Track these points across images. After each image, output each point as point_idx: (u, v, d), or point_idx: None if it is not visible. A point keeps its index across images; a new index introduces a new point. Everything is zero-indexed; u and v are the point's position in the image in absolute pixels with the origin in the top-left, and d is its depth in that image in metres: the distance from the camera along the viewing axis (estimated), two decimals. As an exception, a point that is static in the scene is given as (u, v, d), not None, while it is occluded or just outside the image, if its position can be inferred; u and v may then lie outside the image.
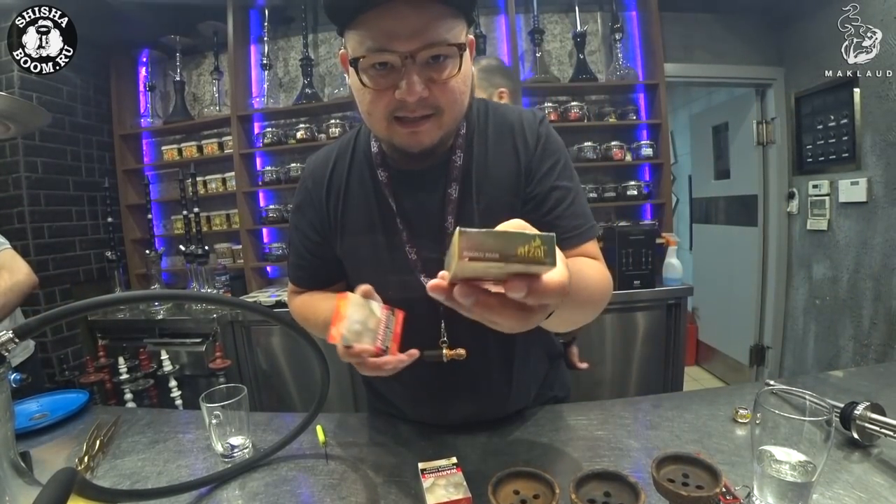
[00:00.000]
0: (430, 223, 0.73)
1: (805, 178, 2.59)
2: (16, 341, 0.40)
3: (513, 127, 0.74)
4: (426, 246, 0.73)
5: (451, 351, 0.77)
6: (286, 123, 2.65)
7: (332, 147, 0.81)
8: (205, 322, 2.09)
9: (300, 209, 0.81)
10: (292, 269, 0.86)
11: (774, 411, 0.51)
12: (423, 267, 0.74)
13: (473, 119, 0.75)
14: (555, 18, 2.60)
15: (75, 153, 2.43)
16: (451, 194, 0.72)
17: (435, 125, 0.63)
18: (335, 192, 0.77)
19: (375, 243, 0.75)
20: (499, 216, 0.69)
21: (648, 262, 2.10)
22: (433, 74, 0.59)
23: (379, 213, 0.74)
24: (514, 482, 0.55)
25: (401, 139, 0.64)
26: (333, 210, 0.77)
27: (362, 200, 0.76)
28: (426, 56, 0.58)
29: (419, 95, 0.58)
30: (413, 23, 0.56)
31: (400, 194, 0.74)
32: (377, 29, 0.57)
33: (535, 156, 0.72)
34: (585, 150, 2.46)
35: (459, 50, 0.59)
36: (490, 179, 0.73)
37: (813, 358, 2.64)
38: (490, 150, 0.74)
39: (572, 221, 0.72)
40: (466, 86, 0.64)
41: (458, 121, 0.67)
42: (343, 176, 0.77)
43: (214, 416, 0.74)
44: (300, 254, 0.82)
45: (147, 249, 2.51)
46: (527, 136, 0.73)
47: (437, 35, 0.57)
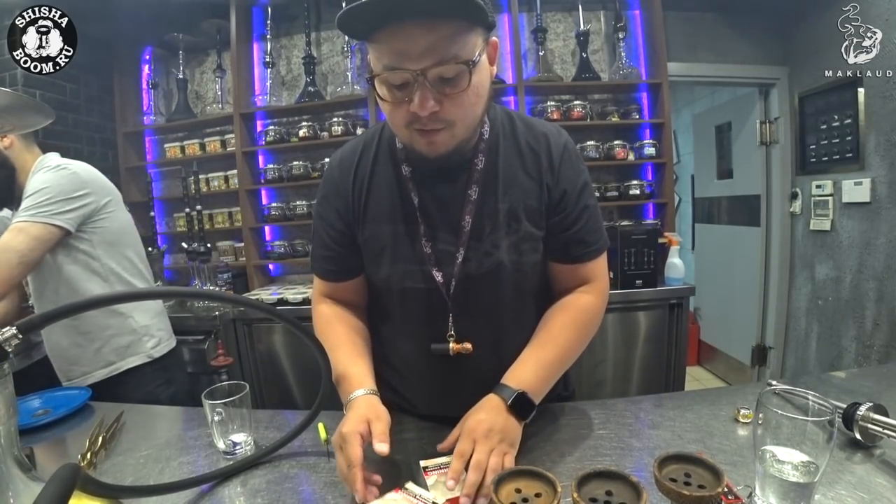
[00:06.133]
0: (447, 220, 0.77)
1: (808, 178, 2.58)
2: (19, 337, 0.40)
3: (538, 139, 0.78)
4: (442, 239, 0.77)
5: (457, 345, 0.78)
6: (289, 121, 2.65)
7: (360, 139, 0.84)
8: (207, 319, 2.09)
9: (326, 198, 0.83)
10: (317, 261, 0.86)
11: (777, 411, 0.51)
12: (437, 261, 0.77)
13: (498, 125, 0.79)
14: (558, 17, 2.59)
15: (78, 151, 2.43)
16: (471, 195, 0.76)
17: (448, 135, 0.66)
18: (360, 181, 0.80)
19: (395, 233, 0.78)
20: (521, 218, 0.76)
21: (651, 262, 2.10)
22: (445, 89, 0.62)
23: (401, 205, 0.78)
24: (516, 481, 0.55)
25: (419, 146, 0.68)
26: (357, 198, 0.80)
27: (385, 191, 0.79)
28: (436, 74, 0.60)
29: (430, 110, 0.61)
30: (423, 42, 0.58)
31: (422, 189, 0.77)
32: (390, 48, 0.60)
33: (563, 173, 0.77)
34: (588, 150, 2.45)
35: (468, 66, 0.61)
36: (515, 183, 0.77)
37: (815, 358, 2.64)
38: (514, 157, 0.78)
39: (593, 237, 0.80)
40: (479, 96, 0.66)
41: (471, 129, 0.70)
42: (368, 166, 0.80)
43: (217, 413, 0.74)
44: (325, 244, 0.83)
45: (149, 247, 2.51)
46: (552, 150, 0.77)
47: (446, 53, 0.59)
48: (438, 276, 0.77)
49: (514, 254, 0.77)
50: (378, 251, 0.80)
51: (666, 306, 2.14)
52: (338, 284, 0.86)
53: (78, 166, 1.20)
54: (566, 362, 0.80)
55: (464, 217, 0.75)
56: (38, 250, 1.09)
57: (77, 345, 1.22)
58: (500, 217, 0.76)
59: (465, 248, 0.76)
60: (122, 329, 1.25)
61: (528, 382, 0.70)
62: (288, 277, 2.76)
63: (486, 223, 0.76)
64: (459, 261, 0.76)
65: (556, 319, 0.79)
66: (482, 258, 0.76)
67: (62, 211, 1.12)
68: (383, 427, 0.64)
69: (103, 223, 1.22)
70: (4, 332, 0.40)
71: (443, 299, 0.78)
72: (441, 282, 0.77)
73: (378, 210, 0.78)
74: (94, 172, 1.24)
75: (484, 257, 0.76)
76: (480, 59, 0.63)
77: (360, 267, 0.84)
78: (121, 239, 1.27)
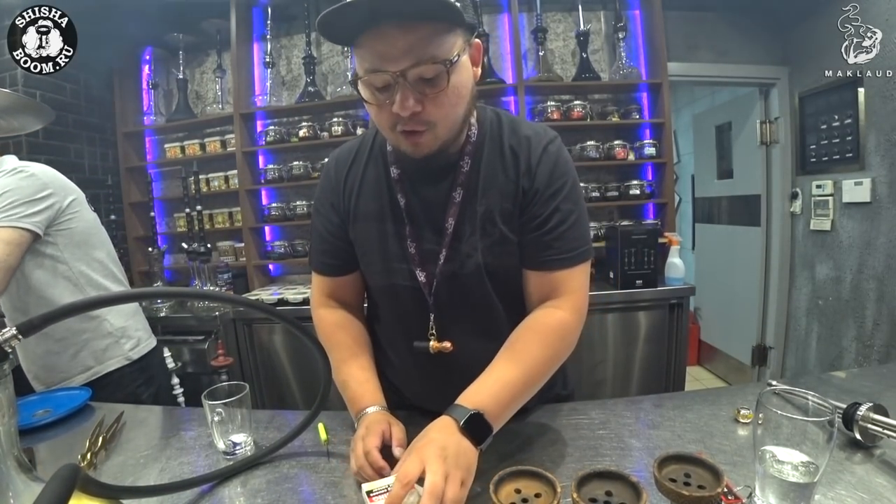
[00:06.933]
0: (431, 221, 0.78)
1: (808, 178, 2.58)
2: (19, 338, 0.40)
3: (521, 141, 0.77)
4: (427, 239, 0.78)
5: (438, 344, 0.80)
6: (289, 121, 2.65)
7: (357, 140, 0.87)
8: (207, 320, 2.10)
9: (323, 193, 0.86)
10: (315, 256, 0.88)
11: (777, 411, 0.51)
12: (421, 260, 0.78)
13: (486, 128, 0.79)
14: (558, 17, 2.59)
15: (79, 151, 2.44)
16: (455, 197, 0.76)
17: (431, 136, 0.67)
18: (352, 181, 0.83)
19: (382, 232, 0.80)
20: (496, 220, 0.76)
21: (651, 262, 2.10)
22: (425, 89, 0.63)
23: (389, 206, 0.79)
24: (516, 481, 0.55)
25: (404, 147, 0.69)
26: (348, 197, 0.82)
27: (374, 192, 0.81)
28: (416, 74, 0.61)
29: (411, 111, 0.62)
30: (401, 44, 0.59)
31: (408, 190, 0.79)
32: (371, 51, 0.61)
33: (539, 174, 0.75)
34: (588, 150, 2.45)
35: (445, 66, 0.61)
36: (494, 186, 0.76)
37: (815, 358, 2.64)
38: (497, 159, 0.77)
39: (567, 244, 0.75)
40: (460, 97, 0.67)
41: (454, 130, 0.71)
42: (361, 167, 0.83)
43: (216, 413, 0.74)
44: (323, 237, 0.86)
45: (150, 247, 2.52)
46: (531, 152, 0.76)
47: (424, 54, 0.60)
48: (421, 276, 0.78)
49: (489, 256, 0.77)
50: (365, 249, 0.82)
51: (666, 306, 2.14)
52: (336, 280, 0.88)
53: (36, 168, 1.15)
54: (532, 384, 0.71)
55: (447, 219, 0.76)
56: (15, 255, 1.05)
57: (53, 352, 1.18)
58: (477, 219, 0.76)
59: (447, 249, 0.77)
60: (97, 332, 1.22)
61: (485, 403, 0.64)
62: (288, 277, 2.76)
63: (467, 225, 0.76)
64: (441, 262, 0.77)
65: (522, 337, 0.74)
66: (463, 259, 0.77)
67: (27, 214, 1.07)
68: (401, 435, 0.69)
69: (69, 224, 1.17)
70: (4, 332, 0.40)
71: (425, 298, 0.79)
72: (423, 281, 0.78)
73: (367, 209, 0.81)
74: (54, 173, 1.18)
75: (465, 258, 0.77)
76: (460, 59, 0.63)
77: (357, 262, 0.85)
78: (88, 240, 1.23)
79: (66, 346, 1.19)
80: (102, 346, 1.23)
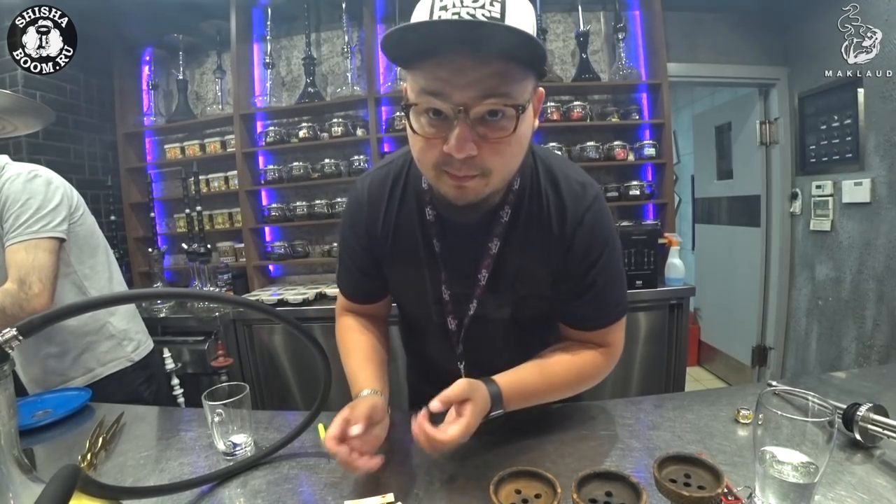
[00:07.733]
0: (465, 269, 0.75)
1: (808, 178, 2.58)
2: (20, 339, 0.40)
3: (561, 204, 0.71)
4: (460, 285, 0.76)
5: None
6: (289, 122, 2.65)
7: (388, 170, 0.78)
8: (207, 320, 2.10)
9: (355, 228, 0.80)
10: (344, 285, 0.89)
11: (777, 412, 0.51)
12: (452, 307, 0.78)
13: (527, 178, 0.72)
14: (557, 18, 2.60)
15: (78, 151, 2.44)
16: (491, 248, 0.72)
17: (482, 183, 0.59)
18: (388, 221, 0.77)
19: (420, 277, 0.78)
20: (530, 279, 0.72)
21: (651, 263, 2.10)
22: (486, 132, 0.55)
23: (425, 251, 0.76)
24: (516, 481, 0.55)
25: (447, 190, 0.61)
26: (384, 238, 0.78)
27: (409, 235, 0.76)
28: (481, 111, 0.54)
29: (467, 153, 0.54)
30: (471, 74, 0.52)
31: (443, 236, 0.74)
32: (434, 76, 0.53)
33: (576, 247, 0.71)
34: (588, 150, 2.45)
35: (517, 110, 0.54)
36: (530, 244, 0.73)
37: (815, 359, 2.64)
38: (535, 215, 0.72)
39: (602, 309, 0.75)
40: (521, 147, 0.60)
41: (507, 181, 0.65)
42: (395, 205, 0.77)
43: (217, 414, 0.74)
44: (350, 270, 0.86)
45: (150, 248, 2.52)
46: (567, 218, 0.71)
47: (496, 89, 0.53)
48: (453, 323, 0.79)
49: (521, 309, 0.78)
50: (401, 291, 0.86)
51: (666, 307, 2.14)
52: (363, 305, 0.91)
53: (47, 172, 1.15)
54: (545, 397, 0.75)
55: (480, 269, 0.74)
56: (57, 263, 1.08)
57: (53, 355, 1.17)
58: (511, 274, 0.74)
59: (478, 299, 0.76)
60: (100, 335, 1.22)
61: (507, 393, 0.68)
62: (288, 278, 2.76)
63: (502, 280, 0.74)
64: (472, 312, 0.77)
65: (556, 355, 0.76)
66: (494, 309, 0.77)
67: (58, 222, 1.09)
68: (361, 412, 0.65)
69: (76, 228, 1.17)
70: (5, 333, 0.40)
71: (452, 341, 0.81)
72: (453, 329, 0.80)
73: (403, 253, 0.78)
74: (60, 177, 1.19)
75: (496, 309, 0.77)
76: (528, 106, 0.57)
77: (386, 291, 0.88)
78: (89, 241, 1.23)
79: (69, 349, 1.19)
80: (105, 349, 1.23)
